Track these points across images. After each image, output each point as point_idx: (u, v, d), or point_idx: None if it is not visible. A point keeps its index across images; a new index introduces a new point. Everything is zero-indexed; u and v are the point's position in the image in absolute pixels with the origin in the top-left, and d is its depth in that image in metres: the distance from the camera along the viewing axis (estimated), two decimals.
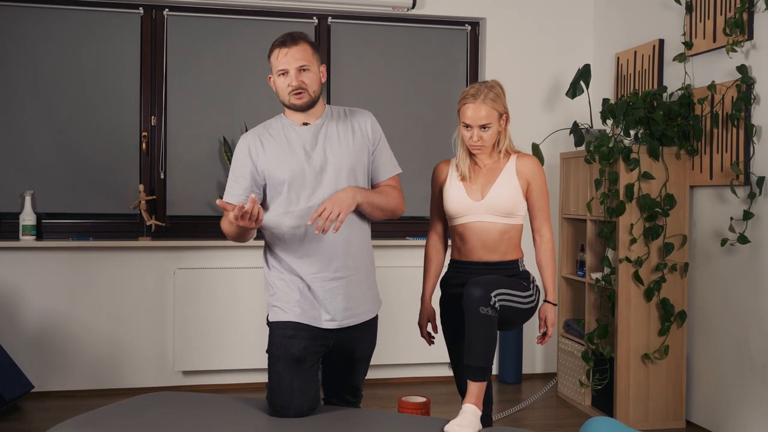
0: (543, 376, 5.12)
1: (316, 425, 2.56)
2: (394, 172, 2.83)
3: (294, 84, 2.63)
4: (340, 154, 2.68)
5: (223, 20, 4.88)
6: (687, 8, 4.14)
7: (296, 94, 2.64)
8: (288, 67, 2.63)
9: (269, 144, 2.69)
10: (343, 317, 2.68)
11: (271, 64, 2.69)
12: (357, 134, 2.74)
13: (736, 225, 3.78)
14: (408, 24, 5.10)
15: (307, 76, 2.65)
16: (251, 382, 4.76)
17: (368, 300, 2.77)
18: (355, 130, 2.75)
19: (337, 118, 2.76)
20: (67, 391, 4.58)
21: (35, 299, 4.56)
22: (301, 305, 2.65)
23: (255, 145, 2.69)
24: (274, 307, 2.70)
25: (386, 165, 2.81)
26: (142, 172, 4.79)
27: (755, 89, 3.71)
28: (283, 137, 2.70)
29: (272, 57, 2.67)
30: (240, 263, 4.76)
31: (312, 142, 2.69)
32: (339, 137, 2.71)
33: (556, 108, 5.13)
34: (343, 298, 2.68)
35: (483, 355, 2.58)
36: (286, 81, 2.64)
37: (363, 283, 2.75)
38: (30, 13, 4.64)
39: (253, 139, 2.71)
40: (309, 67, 2.65)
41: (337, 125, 2.73)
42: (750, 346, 3.75)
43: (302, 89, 2.64)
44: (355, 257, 2.71)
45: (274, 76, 2.69)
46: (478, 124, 2.76)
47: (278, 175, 2.65)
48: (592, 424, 2.58)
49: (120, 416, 2.62)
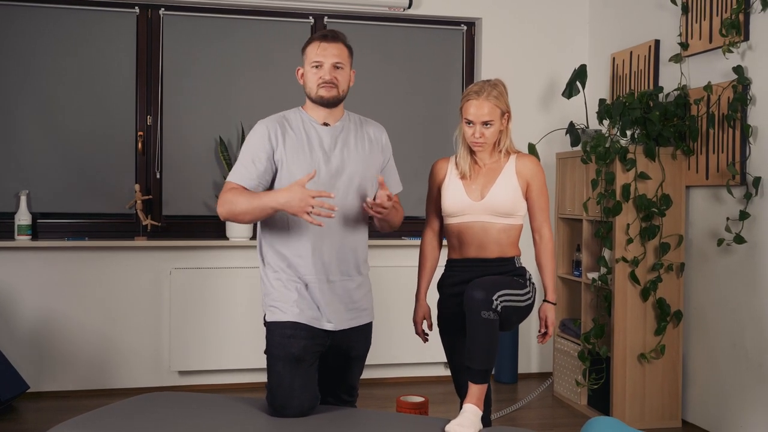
0: (539, 376, 5.13)
1: (317, 425, 2.56)
2: (398, 190, 2.92)
3: (327, 78, 2.65)
4: (356, 161, 2.72)
5: (219, 20, 4.87)
6: (683, 9, 4.16)
7: (326, 86, 2.66)
8: (324, 60, 2.65)
9: (290, 136, 2.68)
10: (341, 320, 2.69)
11: (305, 55, 2.70)
12: (374, 146, 2.79)
13: (732, 225, 3.80)
14: (404, 24, 5.10)
15: (340, 74, 2.68)
16: (247, 382, 4.76)
17: (366, 303, 2.80)
18: (372, 141, 2.79)
19: (355, 125, 2.79)
20: (62, 391, 4.57)
21: (31, 299, 4.54)
22: (299, 305, 2.65)
23: (276, 133, 2.68)
24: (271, 307, 2.69)
25: (394, 182, 2.90)
26: (138, 171, 4.78)
27: (751, 90, 3.72)
28: (303, 133, 2.70)
29: (309, 48, 2.69)
30: (236, 263, 4.75)
31: (331, 145, 2.70)
32: (356, 145, 2.74)
33: (552, 108, 5.14)
34: (342, 300, 2.70)
35: (485, 359, 2.58)
36: (318, 73, 2.66)
37: (362, 286, 2.78)
38: (25, 13, 4.62)
39: (274, 126, 2.69)
40: (343, 66, 2.69)
41: (355, 132, 2.76)
42: (746, 345, 3.77)
43: (333, 84, 2.66)
44: (355, 261, 2.74)
45: (306, 67, 2.69)
46: (480, 121, 2.77)
47: (294, 170, 2.64)
48: (593, 424, 2.58)
49: (119, 416, 2.61)
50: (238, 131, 4.82)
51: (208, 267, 4.71)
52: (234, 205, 2.60)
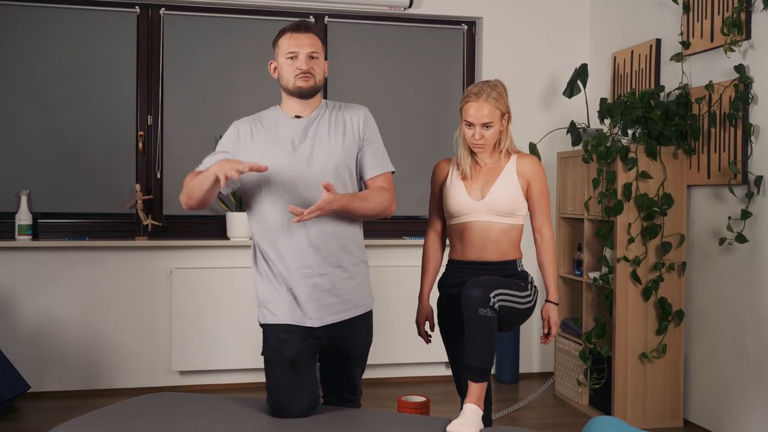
0: (540, 376, 5.12)
1: (317, 426, 2.55)
2: (383, 170, 2.73)
3: (303, 67, 2.63)
4: (327, 151, 2.64)
5: (220, 19, 4.87)
6: (684, 8, 4.15)
7: (303, 76, 2.64)
8: (299, 51, 2.63)
9: (259, 134, 2.68)
10: (323, 314, 2.62)
11: (278, 47, 2.68)
12: (348, 131, 2.69)
13: (733, 224, 3.79)
14: (405, 23, 5.10)
15: (316, 64, 2.66)
16: (248, 382, 4.75)
17: (355, 297, 2.70)
18: (346, 126, 2.70)
19: (330, 112, 2.72)
20: (63, 391, 4.56)
21: (31, 299, 4.54)
22: (286, 305, 2.62)
23: (245, 133, 2.70)
24: (262, 308, 2.68)
25: (375, 162, 2.72)
26: (139, 171, 4.77)
27: (753, 89, 3.72)
28: (274, 129, 2.69)
29: (281, 40, 2.66)
30: (236, 263, 4.74)
31: (301, 136, 2.67)
32: (329, 133, 2.67)
33: (553, 107, 5.14)
34: (323, 295, 2.62)
35: (483, 356, 2.58)
36: (294, 64, 2.64)
37: (348, 280, 2.67)
38: (25, 12, 4.62)
39: (245, 127, 2.72)
40: (318, 56, 2.67)
41: (329, 120, 2.70)
42: (747, 344, 3.76)
43: (310, 74, 2.65)
44: (338, 254, 2.64)
45: (281, 59, 2.67)
46: (480, 122, 2.77)
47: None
48: (595, 424, 2.58)
49: (121, 417, 2.61)
50: None
51: (208, 267, 4.70)
52: (187, 185, 2.60)
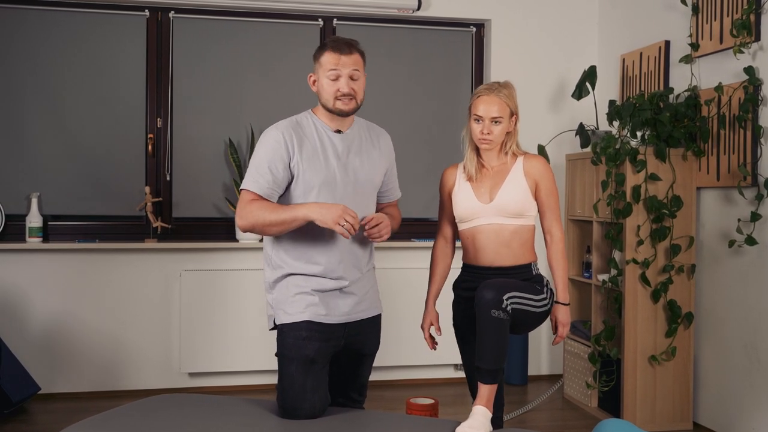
0: (549, 378, 5.11)
1: (327, 427, 2.56)
2: (398, 196, 2.98)
3: (345, 90, 2.64)
4: (367, 167, 2.75)
5: (229, 22, 4.88)
6: (693, 9, 4.14)
7: (344, 99, 2.65)
8: (341, 71, 2.64)
9: (305, 144, 2.66)
10: (351, 312, 2.71)
11: (319, 63, 2.67)
12: (382, 152, 2.83)
13: (743, 226, 3.78)
14: (413, 26, 5.10)
15: (357, 84, 2.67)
16: (257, 384, 4.76)
17: (371, 297, 2.82)
18: (381, 148, 2.83)
19: (364, 132, 2.80)
20: (73, 392, 4.58)
21: (41, 301, 4.56)
22: (310, 305, 2.65)
23: (292, 141, 2.65)
24: (281, 309, 2.70)
25: (395, 188, 2.96)
26: (148, 173, 4.79)
27: (762, 90, 3.70)
28: (317, 140, 2.69)
29: (324, 57, 2.65)
30: (246, 265, 4.75)
31: (344, 152, 2.71)
32: (367, 151, 2.77)
33: (562, 109, 5.13)
34: (345, 295, 2.71)
35: (494, 358, 2.58)
36: (336, 86, 2.64)
37: (365, 281, 2.80)
38: (35, 16, 4.64)
39: (289, 132, 2.66)
40: (359, 74, 2.68)
41: (363, 139, 2.78)
42: (758, 347, 3.75)
43: (352, 96, 2.66)
44: (360, 259, 2.76)
45: (320, 75, 2.67)
46: (490, 116, 2.77)
47: (310, 178, 2.64)
48: (604, 426, 2.57)
49: (131, 418, 2.62)
50: (247, 133, 4.83)
51: (218, 269, 4.72)
52: (259, 218, 2.57)
